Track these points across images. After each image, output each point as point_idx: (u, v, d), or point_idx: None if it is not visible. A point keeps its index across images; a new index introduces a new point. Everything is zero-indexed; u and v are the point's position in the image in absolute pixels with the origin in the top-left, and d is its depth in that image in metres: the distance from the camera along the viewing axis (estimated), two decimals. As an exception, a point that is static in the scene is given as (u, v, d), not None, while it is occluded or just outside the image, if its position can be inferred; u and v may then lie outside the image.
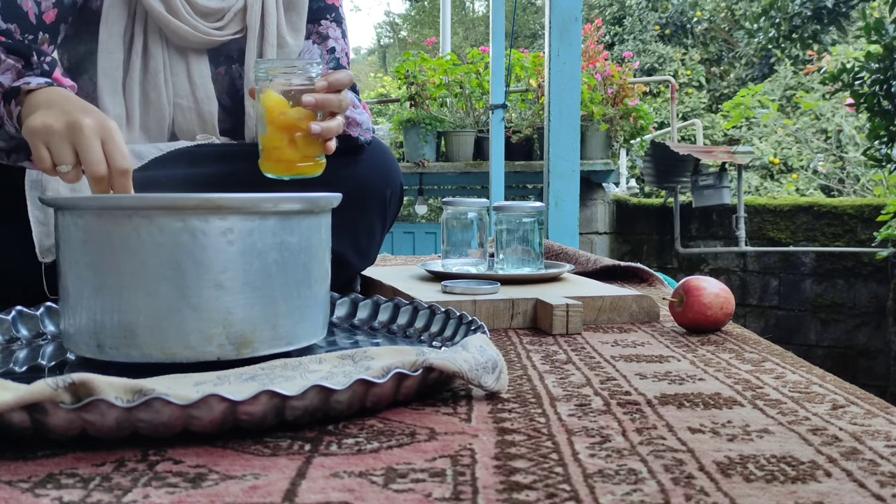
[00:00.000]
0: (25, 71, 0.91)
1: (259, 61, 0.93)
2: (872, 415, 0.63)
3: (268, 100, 0.90)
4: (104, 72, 1.07)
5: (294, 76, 0.91)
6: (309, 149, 0.92)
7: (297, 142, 0.91)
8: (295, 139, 0.91)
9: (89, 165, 0.78)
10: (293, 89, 0.90)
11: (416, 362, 0.63)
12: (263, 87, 0.91)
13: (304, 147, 0.92)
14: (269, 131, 0.91)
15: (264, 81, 0.91)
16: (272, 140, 0.92)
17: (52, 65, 0.94)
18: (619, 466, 0.50)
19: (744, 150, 4.25)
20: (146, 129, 1.12)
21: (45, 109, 0.81)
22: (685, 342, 0.95)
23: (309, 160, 0.93)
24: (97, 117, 0.80)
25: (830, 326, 4.18)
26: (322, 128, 0.90)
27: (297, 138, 0.91)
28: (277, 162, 0.93)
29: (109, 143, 0.79)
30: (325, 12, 1.22)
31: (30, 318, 0.87)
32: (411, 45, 12.31)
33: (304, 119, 0.90)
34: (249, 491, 0.46)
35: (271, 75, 0.90)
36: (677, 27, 9.69)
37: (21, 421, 0.51)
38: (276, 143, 0.92)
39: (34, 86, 0.88)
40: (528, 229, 1.26)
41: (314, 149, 0.93)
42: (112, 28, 1.07)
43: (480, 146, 4.37)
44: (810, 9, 5.33)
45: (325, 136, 0.91)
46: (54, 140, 0.78)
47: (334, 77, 0.92)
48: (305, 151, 0.92)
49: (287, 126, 0.91)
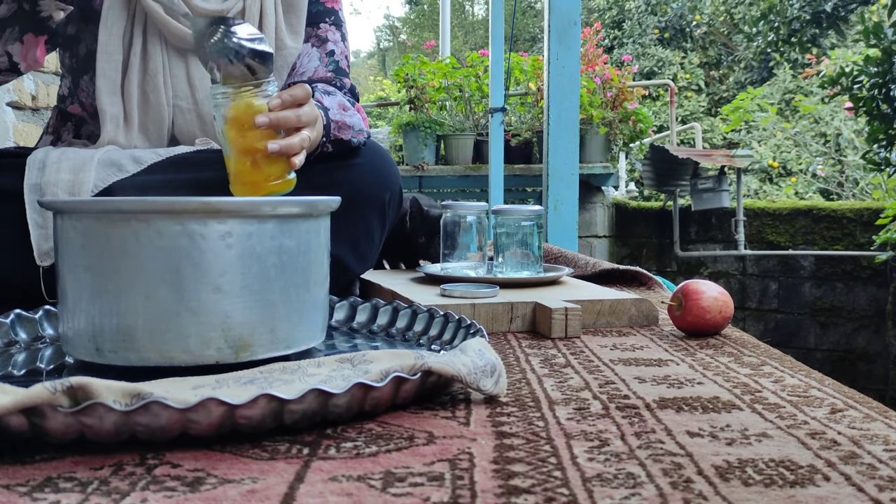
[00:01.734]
0: None
1: (214, 86, 0.91)
2: (871, 419, 0.63)
3: (224, 125, 0.90)
4: (103, 73, 1.08)
5: (249, 97, 0.89)
6: (273, 168, 0.91)
7: (259, 163, 0.90)
8: (257, 160, 0.90)
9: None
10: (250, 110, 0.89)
11: (414, 366, 0.63)
12: (221, 112, 0.90)
13: (268, 167, 0.91)
14: (233, 155, 0.91)
15: (221, 106, 0.90)
16: (236, 163, 0.91)
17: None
18: (617, 470, 0.50)
19: (743, 154, 4.25)
20: (145, 130, 1.12)
21: None
22: (684, 346, 0.95)
23: (275, 178, 0.92)
24: None
25: (829, 330, 4.18)
26: (281, 146, 0.89)
27: (259, 159, 0.90)
28: (244, 185, 0.92)
29: None
30: (324, 16, 1.22)
31: (28, 321, 0.87)
32: (411, 49, 12.33)
33: (263, 139, 0.89)
34: (247, 495, 0.46)
35: (227, 99, 0.89)
36: (676, 31, 9.70)
37: (19, 424, 0.51)
38: (240, 166, 0.91)
39: None
40: (527, 233, 1.26)
41: (279, 167, 0.92)
42: (112, 29, 1.07)
43: (480, 149, 4.37)
44: (809, 13, 5.33)
45: (287, 153, 0.90)
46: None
47: (289, 93, 0.91)
48: (269, 171, 0.91)
49: (246, 149, 0.90)
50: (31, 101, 2.05)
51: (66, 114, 1.20)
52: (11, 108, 1.99)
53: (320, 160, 1.06)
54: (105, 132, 1.10)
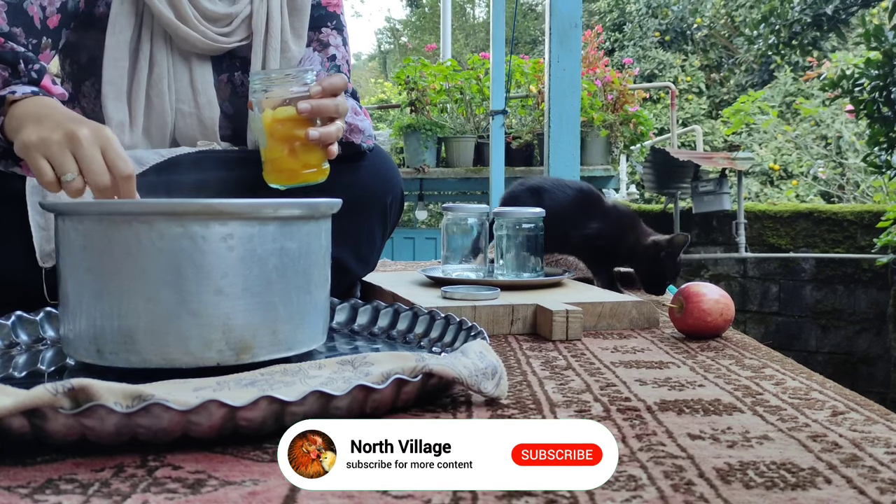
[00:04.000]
0: (12, 79, 0.90)
1: (254, 73, 0.92)
2: (872, 421, 0.63)
3: (264, 111, 0.90)
4: (110, 79, 1.07)
5: (289, 85, 0.90)
6: (310, 156, 0.92)
7: (297, 151, 0.91)
8: (295, 148, 0.91)
9: (93, 176, 0.77)
10: (288, 98, 0.90)
11: (415, 368, 0.63)
12: (259, 98, 0.90)
13: (305, 155, 0.92)
14: (269, 143, 0.91)
15: (260, 93, 0.90)
16: (273, 151, 0.91)
17: (41, 73, 0.93)
18: (618, 472, 0.50)
19: (744, 157, 4.25)
20: (147, 133, 1.12)
21: (34, 123, 0.80)
22: (685, 348, 0.95)
23: (311, 167, 0.93)
24: (92, 126, 0.79)
25: (830, 333, 4.17)
26: (321, 133, 0.90)
27: (297, 147, 0.91)
28: (280, 172, 0.92)
29: (109, 150, 0.78)
30: (326, 20, 1.22)
31: (29, 323, 0.87)
32: (412, 51, 12.33)
33: (302, 127, 0.90)
34: (248, 497, 0.46)
35: (266, 86, 0.90)
36: (677, 33, 9.70)
37: (20, 426, 0.51)
38: (276, 153, 0.91)
39: (19, 95, 0.87)
40: (528, 235, 1.26)
41: (315, 155, 0.93)
42: (119, 36, 1.07)
43: (481, 152, 4.37)
44: (810, 15, 5.34)
45: (325, 141, 0.91)
46: (54, 151, 0.77)
47: (329, 82, 0.91)
48: (307, 159, 0.92)
49: (285, 136, 0.90)
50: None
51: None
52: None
53: None
54: None
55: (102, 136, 0.78)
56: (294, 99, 0.89)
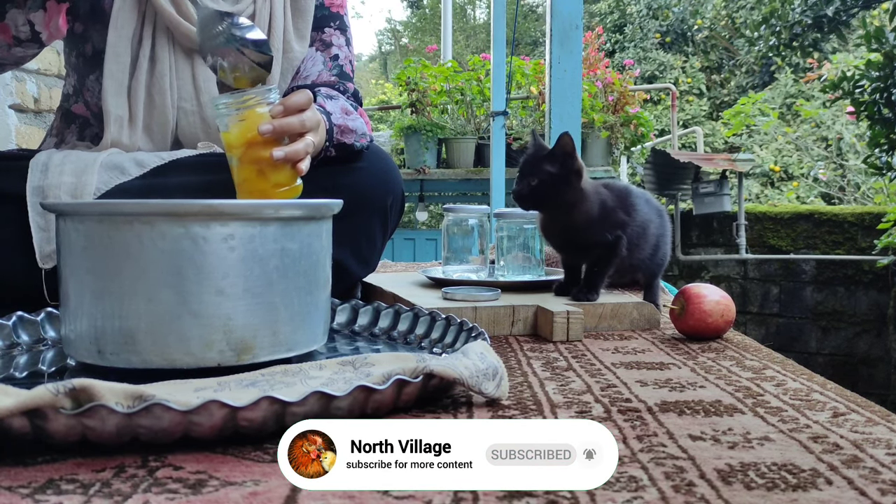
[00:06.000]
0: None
1: (215, 98, 0.91)
2: (873, 423, 0.63)
3: (228, 135, 0.89)
4: (111, 74, 1.08)
5: (252, 106, 0.89)
6: (279, 175, 0.91)
7: (265, 171, 0.90)
8: (263, 169, 0.90)
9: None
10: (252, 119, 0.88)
11: (416, 369, 0.63)
12: (223, 122, 0.90)
13: (274, 175, 0.91)
14: (236, 165, 0.91)
15: (224, 117, 0.89)
16: (242, 172, 0.91)
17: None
18: (619, 474, 0.50)
19: (744, 158, 4.25)
20: (149, 131, 1.12)
21: None
22: (686, 349, 0.94)
23: (283, 185, 0.92)
24: None
25: (831, 334, 4.17)
26: (285, 153, 0.89)
27: (265, 167, 0.90)
28: (251, 193, 0.91)
29: None
30: (329, 20, 1.23)
31: (30, 323, 0.87)
32: (412, 52, 12.34)
33: (267, 147, 0.89)
34: (249, 497, 0.46)
35: (229, 110, 0.89)
36: (678, 35, 9.71)
37: (21, 426, 0.51)
38: (245, 174, 0.91)
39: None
40: (528, 236, 1.26)
41: (285, 174, 0.91)
42: (121, 31, 1.07)
43: (481, 153, 4.37)
44: (811, 17, 5.34)
45: (292, 159, 0.90)
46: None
47: (290, 101, 0.91)
48: (276, 179, 0.91)
49: (252, 158, 0.89)
50: (34, 103, 2.05)
51: (70, 115, 1.20)
52: (14, 110, 1.99)
53: (323, 164, 1.06)
54: (108, 133, 1.10)
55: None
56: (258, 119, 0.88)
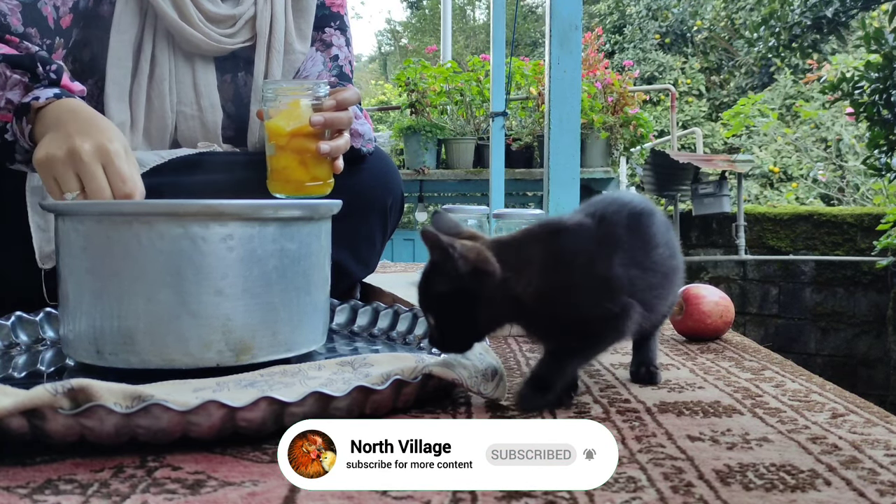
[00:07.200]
0: (32, 84, 0.90)
1: (267, 82, 0.92)
2: (872, 424, 0.63)
3: (276, 121, 0.90)
4: (113, 79, 1.07)
5: (302, 96, 0.90)
6: (318, 169, 0.92)
7: (307, 163, 0.91)
8: (305, 160, 0.91)
9: (92, 194, 0.77)
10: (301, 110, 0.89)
11: (415, 369, 0.63)
12: (271, 107, 0.90)
13: (314, 168, 0.91)
14: (278, 153, 0.91)
15: (272, 102, 0.90)
16: (281, 161, 0.91)
17: (59, 72, 0.92)
18: (618, 474, 0.50)
19: (743, 159, 4.25)
20: (148, 134, 1.12)
21: (51, 134, 0.81)
22: (685, 350, 0.94)
23: (318, 180, 0.92)
24: (96, 141, 0.79)
25: (830, 335, 4.17)
26: (331, 147, 0.90)
27: (307, 159, 0.91)
28: (287, 182, 0.92)
29: (110, 168, 0.78)
30: (329, 20, 1.22)
31: (29, 323, 0.87)
32: (412, 53, 12.34)
33: (313, 139, 0.90)
34: (248, 497, 0.46)
35: (279, 96, 0.89)
36: (677, 36, 9.71)
37: (20, 426, 0.51)
38: (284, 163, 0.91)
39: (43, 101, 0.87)
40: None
41: (323, 168, 0.92)
42: (123, 35, 1.07)
43: (481, 154, 4.37)
44: (810, 18, 5.34)
45: (334, 154, 0.92)
46: (58, 169, 0.78)
47: (342, 96, 0.92)
48: (315, 172, 0.92)
49: (296, 148, 0.90)
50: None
51: (68, 117, 1.20)
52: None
53: None
54: None
55: (104, 152, 0.78)
56: (308, 110, 0.89)
